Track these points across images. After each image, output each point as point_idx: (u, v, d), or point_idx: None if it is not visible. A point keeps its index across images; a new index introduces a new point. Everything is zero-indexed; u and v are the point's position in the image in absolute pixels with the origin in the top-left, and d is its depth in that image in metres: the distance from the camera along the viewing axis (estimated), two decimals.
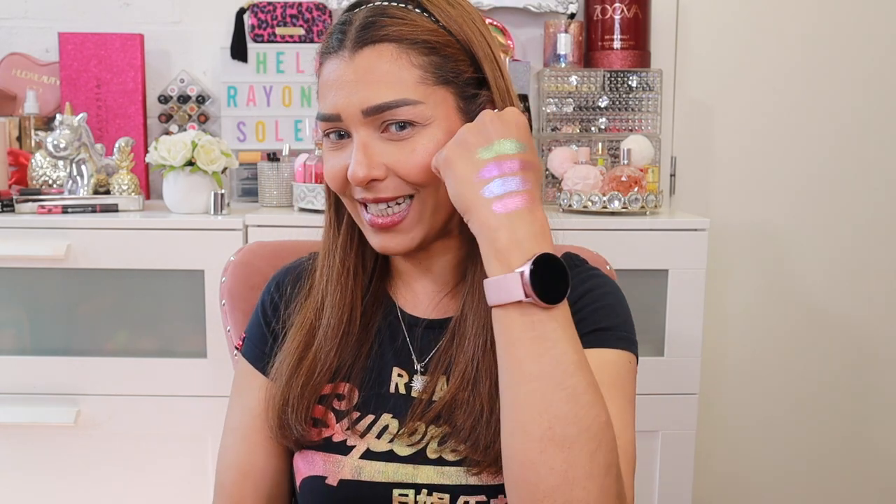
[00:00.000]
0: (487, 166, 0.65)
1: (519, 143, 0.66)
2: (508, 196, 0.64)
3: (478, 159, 0.65)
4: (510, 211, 0.64)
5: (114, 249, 1.47)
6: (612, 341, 0.77)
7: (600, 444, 0.62)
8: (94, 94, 1.80)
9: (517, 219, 0.64)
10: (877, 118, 1.99)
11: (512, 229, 0.64)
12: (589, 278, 0.82)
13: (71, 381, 1.49)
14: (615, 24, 1.81)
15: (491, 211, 0.64)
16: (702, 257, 1.53)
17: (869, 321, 2.04)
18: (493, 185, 0.65)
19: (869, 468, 2.08)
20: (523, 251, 0.63)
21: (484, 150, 0.66)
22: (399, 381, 0.81)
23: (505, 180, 0.64)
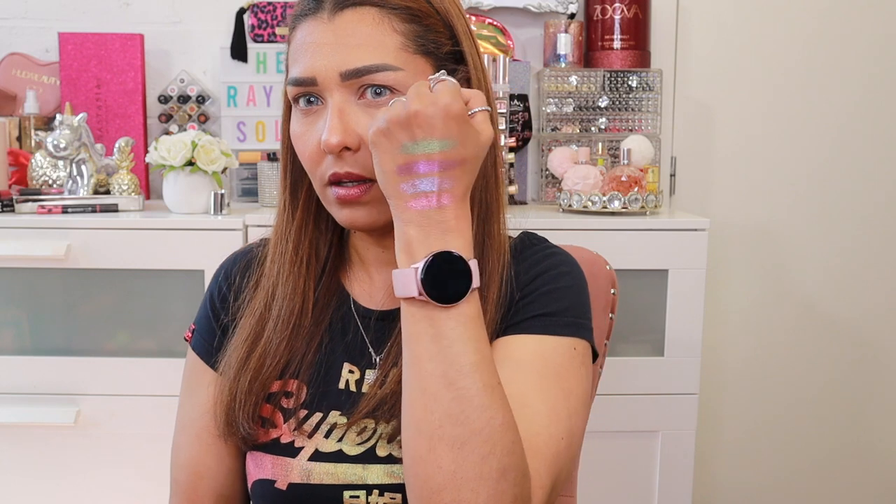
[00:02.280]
0: (408, 163, 0.63)
1: (445, 140, 0.63)
2: (423, 196, 0.63)
3: (399, 154, 0.63)
4: (422, 209, 0.63)
5: (114, 249, 1.47)
6: (555, 328, 0.74)
7: (494, 448, 0.60)
8: (94, 94, 1.80)
9: (428, 217, 0.63)
10: (877, 118, 1.99)
11: (420, 225, 0.63)
12: (544, 258, 0.79)
13: (71, 381, 1.49)
14: (615, 24, 1.81)
15: (406, 205, 0.64)
16: (702, 257, 1.53)
17: (869, 321, 2.04)
18: (409, 183, 0.63)
19: (869, 468, 2.08)
20: (426, 247, 0.63)
21: (409, 144, 0.63)
22: (350, 378, 0.78)
23: (422, 181, 0.63)
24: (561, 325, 0.74)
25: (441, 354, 0.62)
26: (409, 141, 0.63)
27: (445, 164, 0.63)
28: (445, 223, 0.63)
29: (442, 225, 0.63)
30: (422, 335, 0.63)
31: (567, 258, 0.81)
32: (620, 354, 1.55)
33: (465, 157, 0.64)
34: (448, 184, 0.63)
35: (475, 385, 0.62)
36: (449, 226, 0.63)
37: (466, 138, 0.64)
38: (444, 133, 0.63)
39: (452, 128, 0.63)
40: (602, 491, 1.59)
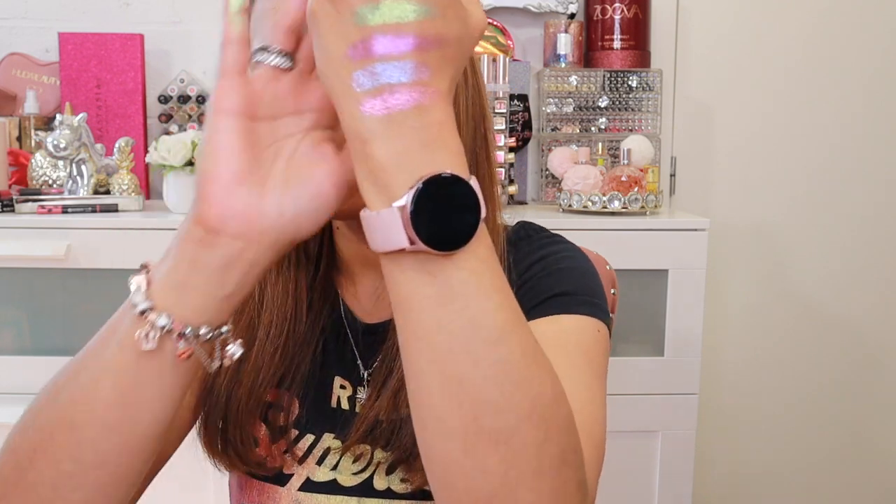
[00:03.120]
0: (365, 40, 0.42)
1: (421, 5, 0.42)
2: (388, 91, 0.42)
3: (353, 25, 0.42)
4: (390, 112, 0.42)
5: (114, 249, 1.47)
6: (573, 306, 0.65)
7: (549, 430, 0.45)
8: (93, 94, 1.80)
9: (400, 124, 0.42)
10: (877, 117, 1.99)
11: (389, 140, 0.42)
12: (544, 246, 0.71)
13: None
14: (615, 24, 1.81)
15: (363, 108, 0.43)
16: (702, 257, 1.52)
17: (870, 321, 2.04)
18: (368, 71, 0.42)
19: (870, 468, 2.08)
20: (407, 172, 0.42)
21: (366, 10, 0.42)
22: (342, 395, 0.70)
23: (389, 67, 0.42)
24: (577, 303, 0.66)
25: (457, 320, 0.43)
26: (367, 4, 0.42)
27: (423, 42, 0.43)
28: (428, 130, 0.43)
29: (424, 134, 0.43)
30: (424, 299, 0.43)
31: (570, 245, 0.74)
32: (620, 354, 1.55)
33: (447, 37, 0.44)
34: (427, 72, 0.43)
35: (512, 353, 0.44)
36: (433, 134, 0.43)
37: (450, 10, 0.44)
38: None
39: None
40: (602, 491, 1.58)
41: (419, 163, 0.43)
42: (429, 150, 0.43)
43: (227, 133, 0.48)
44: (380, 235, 0.43)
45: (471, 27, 0.46)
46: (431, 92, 0.43)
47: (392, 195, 0.43)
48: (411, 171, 0.42)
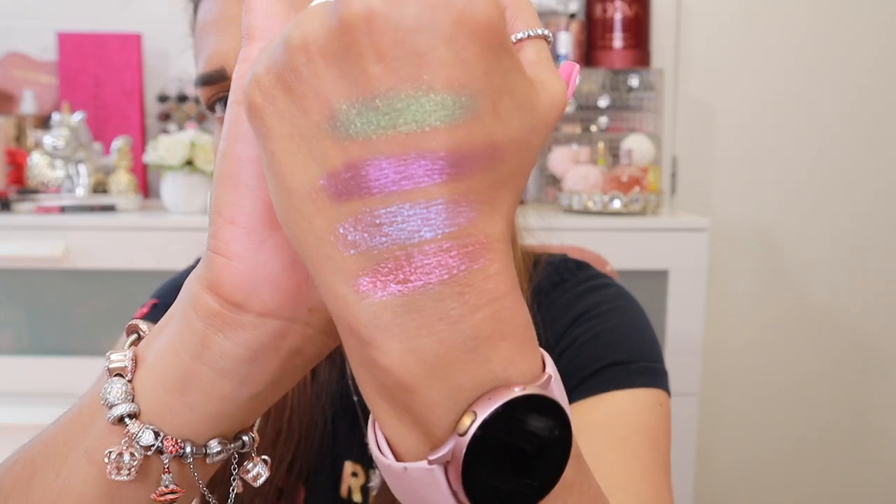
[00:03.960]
0: (353, 166, 0.25)
1: (458, 94, 0.25)
2: (404, 258, 0.25)
3: (329, 136, 0.25)
4: (406, 293, 0.25)
5: (112, 249, 1.46)
6: (627, 379, 0.54)
7: None
8: (91, 93, 1.79)
9: (425, 312, 0.25)
10: (879, 116, 1.99)
11: (409, 341, 0.26)
12: (582, 295, 0.59)
13: (69, 382, 1.48)
14: (616, 24, 1.80)
15: (352, 291, 0.26)
16: (702, 257, 1.52)
17: (873, 321, 2.03)
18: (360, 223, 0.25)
19: (872, 468, 2.08)
20: (447, 401, 0.26)
21: (353, 109, 0.25)
22: (353, 483, 0.59)
23: (397, 213, 0.25)
24: (632, 374, 0.55)
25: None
26: (354, 99, 0.25)
27: (462, 161, 0.25)
28: (476, 318, 0.26)
29: (469, 326, 0.26)
30: None
31: (616, 288, 0.61)
32: None
33: (501, 145, 0.26)
34: (470, 213, 0.26)
35: None
36: (486, 323, 0.26)
37: (504, 97, 0.26)
38: (456, 76, 0.25)
39: (474, 64, 0.25)
40: None
41: (465, 380, 0.26)
42: (480, 351, 0.26)
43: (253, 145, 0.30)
44: (408, 494, 0.28)
45: (542, 112, 0.27)
46: (478, 246, 0.25)
47: (424, 436, 0.26)
48: (453, 398, 0.26)
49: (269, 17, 0.31)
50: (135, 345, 0.36)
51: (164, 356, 0.33)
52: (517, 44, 0.30)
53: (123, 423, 0.33)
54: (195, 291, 0.32)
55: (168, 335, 0.34)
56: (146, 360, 0.34)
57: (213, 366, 0.32)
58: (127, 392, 0.34)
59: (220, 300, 0.31)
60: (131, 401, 0.33)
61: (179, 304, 0.34)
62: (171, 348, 0.33)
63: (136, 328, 0.36)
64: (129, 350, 0.35)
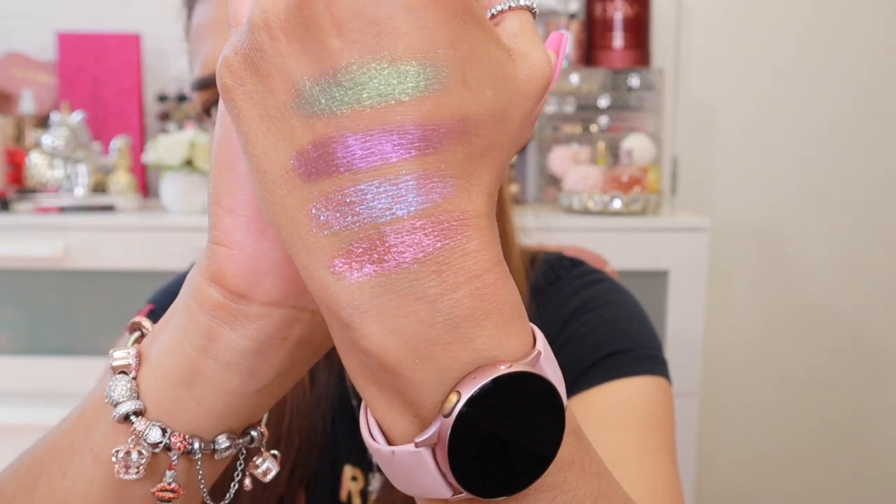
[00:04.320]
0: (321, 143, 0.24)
1: (425, 66, 0.24)
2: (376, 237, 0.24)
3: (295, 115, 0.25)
4: (381, 273, 0.25)
5: (111, 249, 1.46)
6: (628, 367, 0.54)
7: None
8: (91, 93, 1.79)
9: (403, 292, 0.25)
10: (879, 116, 1.98)
11: (388, 321, 0.25)
12: (578, 290, 0.59)
13: (68, 382, 1.48)
14: (616, 23, 1.80)
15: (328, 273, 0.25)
16: (703, 257, 1.52)
17: (873, 320, 2.03)
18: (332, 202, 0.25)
19: (872, 467, 2.07)
20: (431, 381, 0.25)
21: (316, 86, 0.24)
22: (353, 488, 0.58)
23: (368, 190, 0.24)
24: (633, 361, 0.55)
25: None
26: (318, 76, 0.24)
27: (433, 135, 0.24)
28: (456, 295, 0.25)
29: (449, 303, 0.25)
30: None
31: (613, 283, 0.62)
32: None
33: (476, 116, 0.25)
34: (445, 188, 0.24)
35: None
36: (467, 300, 0.25)
37: (476, 66, 0.25)
38: (419, 45, 0.24)
39: (438, 32, 0.24)
40: None
41: (449, 360, 0.25)
42: (462, 330, 0.25)
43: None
44: (400, 478, 0.27)
45: (520, 83, 0.26)
46: (454, 223, 0.24)
47: (414, 418, 0.26)
48: (438, 378, 0.25)
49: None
50: (138, 342, 0.35)
51: (169, 351, 0.33)
52: (499, 15, 0.29)
53: (129, 421, 0.33)
54: (198, 284, 0.32)
55: (171, 330, 0.33)
56: (150, 356, 0.34)
57: (220, 359, 0.32)
58: (132, 389, 0.33)
59: (224, 291, 0.31)
60: (136, 398, 0.33)
61: (182, 299, 0.33)
62: (175, 343, 0.33)
63: (138, 325, 0.36)
64: (133, 347, 0.34)
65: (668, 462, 0.50)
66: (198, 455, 0.33)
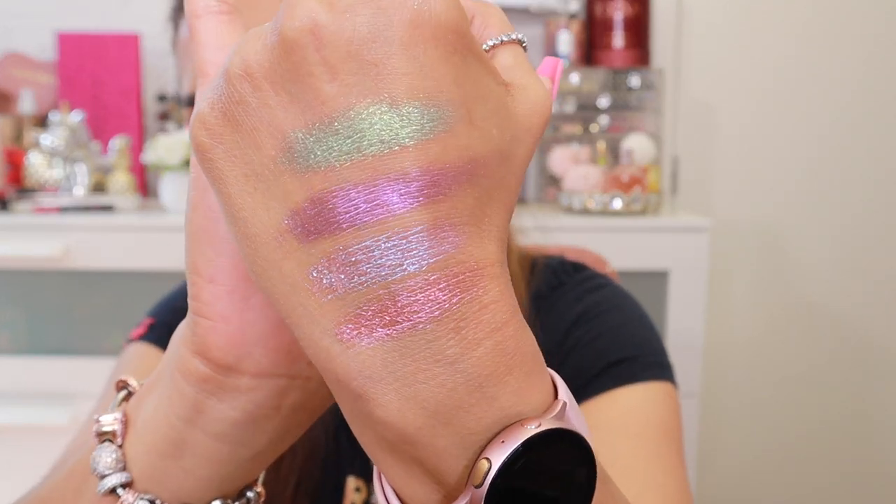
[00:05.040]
0: (318, 200, 0.23)
1: (428, 107, 0.22)
2: (388, 297, 0.22)
3: (286, 170, 0.23)
4: (394, 336, 0.23)
5: (111, 250, 1.46)
6: (635, 374, 0.54)
7: None
8: (90, 93, 1.79)
9: (419, 355, 0.23)
10: (879, 116, 1.98)
11: (404, 387, 0.23)
12: (581, 297, 0.58)
13: (67, 382, 1.48)
14: (616, 23, 1.80)
15: (334, 341, 0.23)
16: (703, 257, 1.51)
17: (873, 321, 2.03)
18: (334, 264, 0.23)
19: (873, 467, 2.07)
20: (455, 449, 0.24)
21: (310, 136, 0.23)
22: (356, 499, 0.56)
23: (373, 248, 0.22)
24: (639, 368, 0.54)
25: None
26: (308, 126, 0.23)
27: (441, 180, 0.23)
28: (474, 354, 0.23)
29: (468, 364, 0.23)
30: None
31: (616, 288, 0.61)
32: None
33: (483, 157, 0.24)
34: (457, 238, 0.23)
35: None
36: (487, 358, 0.23)
37: (479, 105, 0.24)
38: (420, 85, 0.23)
39: (439, 71, 0.23)
40: None
41: (473, 423, 0.23)
42: (485, 390, 0.23)
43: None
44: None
45: (522, 118, 0.26)
46: (469, 274, 0.23)
47: (437, 485, 0.24)
48: (461, 444, 0.23)
49: (221, 49, 0.28)
50: (126, 400, 0.33)
51: (155, 420, 0.31)
52: (490, 50, 0.28)
53: (116, 495, 0.31)
54: (182, 356, 0.30)
55: (157, 399, 0.31)
56: (136, 423, 0.32)
57: (209, 430, 0.30)
58: (117, 459, 0.31)
59: (211, 364, 0.29)
60: (123, 469, 0.31)
61: (167, 366, 0.31)
62: (160, 413, 0.31)
63: (125, 384, 0.33)
64: (119, 412, 0.32)
65: (679, 468, 0.50)
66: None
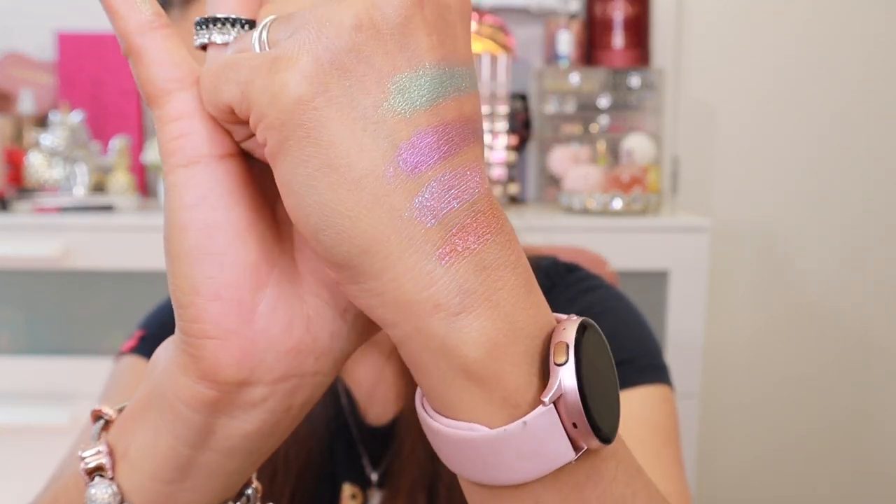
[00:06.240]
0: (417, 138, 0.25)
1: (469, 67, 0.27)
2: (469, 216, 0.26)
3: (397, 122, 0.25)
4: (475, 250, 0.26)
5: (110, 250, 1.46)
6: (632, 377, 0.54)
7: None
8: (90, 93, 1.79)
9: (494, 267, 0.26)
10: (879, 116, 1.98)
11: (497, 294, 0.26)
12: (575, 298, 0.59)
13: (67, 382, 1.48)
14: (616, 23, 1.80)
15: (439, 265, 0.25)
16: (703, 257, 1.51)
17: (874, 321, 2.03)
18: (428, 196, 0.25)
19: (873, 467, 2.07)
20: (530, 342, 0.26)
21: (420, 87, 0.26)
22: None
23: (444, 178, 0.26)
24: (636, 371, 0.54)
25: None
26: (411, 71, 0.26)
27: (471, 124, 0.27)
28: (515, 256, 0.27)
29: (518, 268, 0.27)
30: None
31: (612, 290, 0.61)
32: None
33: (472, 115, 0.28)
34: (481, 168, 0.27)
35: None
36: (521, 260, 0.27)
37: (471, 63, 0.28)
38: (468, 51, 0.28)
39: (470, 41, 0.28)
40: None
41: (531, 327, 0.26)
42: (532, 296, 0.27)
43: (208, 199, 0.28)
44: (527, 455, 0.26)
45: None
46: (488, 193, 0.27)
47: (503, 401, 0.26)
48: (528, 355, 0.26)
49: (178, 65, 0.31)
50: (105, 430, 0.32)
51: (155, 452, 0.30)
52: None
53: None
54: (182, 384, 0.29)
55: (152, 430, 0.30)
56: (128, 452, 0.31)
57: (220, 449, 0.30)
58: (114, 494, 0.31)
59: (220, 386, 0.28)
60: (122, 502, 0.31)
61: (158, 396, 0.30)
62: (161, 443, 0.30)
63: (99, 414, 0.33)
64: (102, 444, 0.31)
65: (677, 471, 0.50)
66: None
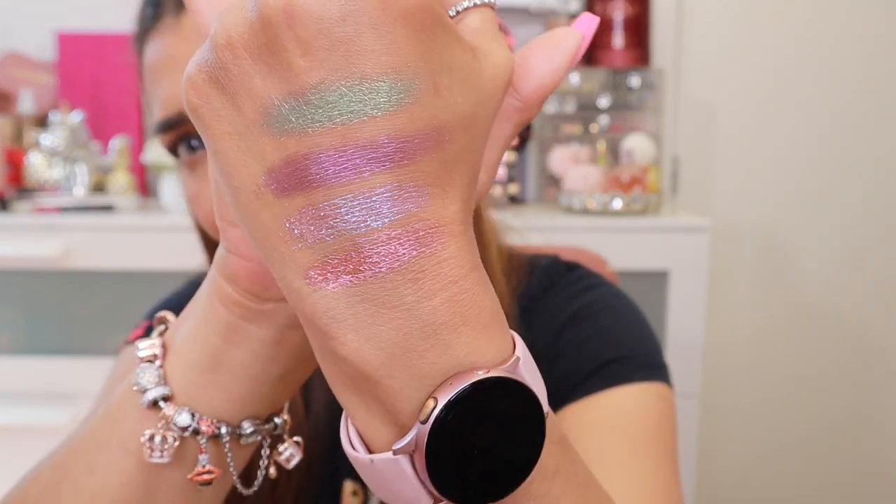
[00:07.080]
0: (292, 161, 0.24)
1: (398, 80, 0.24)
2: (352, 248, 0.25)
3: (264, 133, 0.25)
4: (357, 283, 0.25)
5: (110, 250, 1.46)
6: (628, 374, 0.53)
7: None
8: (90, 93, 1.79)
9: (379, 301, 0.25)
10: (879, 116, 1.98)
11: (365, 329, 0.25)
12: (574, 296, 0.58)
13: (67, 382, 1.48)
14: (616, 23, 1.80)
15: (304, 284, 0.25)
16: (703, 257, 1.51)
17: (874, 321, 2.03)
18: (306, 216, 0.25)
19: (873, 467, 2.07)
20: (410, 388, 0.25)
21: (286, 105, 0.24)
22: (353, 502, 0.57)
23: (342, 205, 0.24)
24: (634, 368, 0.54)
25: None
26: (287, 96, 0.24)
27: (408, 146, 0.24)
28: (431, 303, 0.25)
29: (425, 311, 0.25)
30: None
31: (609, 287, 0.60)
32: None
33: (449, 123, 0.25)
34: (420, 198, 0.25)
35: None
36: (443, 307, 0.25)
37: (445, 76, 0.25)
38: (389, 61, 0.24)
39: (407, 47, 0.24)
40: None
41: (426, 367, 0.25)
42: (440, 337, 0.25)
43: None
44: (380, 487, 0.27)
45: (486, 83, 0.26)
46: (430, 231, 0.25)
47: (393, 426, 0.26)
48: (416, 385, 0.25)
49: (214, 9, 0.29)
50: (162, 334, 0.37)
51: (194, 340, 0.35)
52: (461, 14, 0.28)
53: (158, 407, 0.35)
54: (218, 283, 0.34)
55: (194, 321, 0.36)
56: (174, 346, 0.36)
57: (242, 347, 0.34)
58: (159, 376, 0.35)
59: (241, 290, 0.34)
60: (164, 384, 0.35)
61: (204, 292, 0.36)
62: (199, 333, 0.35)
63: (164, 319, 0.38)
64: (158, 338, 0.37)
65: (668, 469, 0.49)
66: (225, 439, 0.35)
